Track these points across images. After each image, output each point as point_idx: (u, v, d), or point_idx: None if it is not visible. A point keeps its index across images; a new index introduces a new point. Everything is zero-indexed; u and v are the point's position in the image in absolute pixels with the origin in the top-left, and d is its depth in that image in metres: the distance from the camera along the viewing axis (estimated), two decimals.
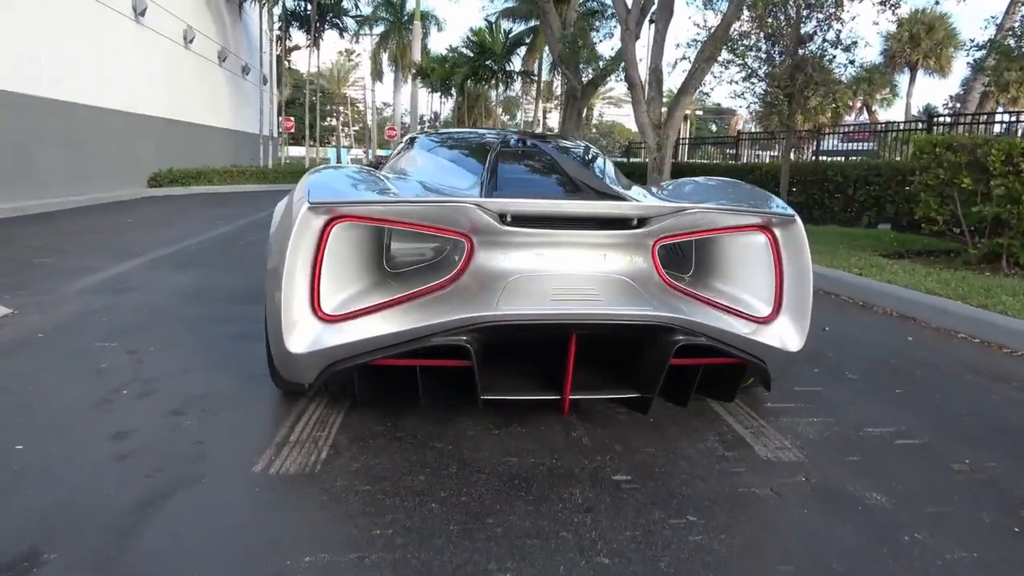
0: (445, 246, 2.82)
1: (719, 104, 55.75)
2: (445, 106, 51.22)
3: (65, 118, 13.11)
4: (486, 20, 29.17)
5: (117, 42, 15.36)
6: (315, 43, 28.18)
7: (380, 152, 52.50)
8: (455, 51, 31.50)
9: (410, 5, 41.60)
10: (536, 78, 31.81)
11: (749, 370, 2.82)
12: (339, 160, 67.91)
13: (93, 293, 4.95)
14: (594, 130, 19.17)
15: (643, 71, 15.50)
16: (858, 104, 30.09)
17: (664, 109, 16.43)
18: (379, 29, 44.08)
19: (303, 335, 2.46)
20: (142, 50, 16.68)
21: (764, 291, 2.81)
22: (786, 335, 2.76)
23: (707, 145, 18.51)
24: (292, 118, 39.93)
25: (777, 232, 2.77)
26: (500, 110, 59.59)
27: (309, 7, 26.93)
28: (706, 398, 3.08)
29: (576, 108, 21.36)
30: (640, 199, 2.84)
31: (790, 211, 2.78)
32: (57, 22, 12.89)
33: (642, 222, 2.57)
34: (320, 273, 2.47)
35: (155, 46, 17.44)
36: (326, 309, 2.50)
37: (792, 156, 12.04)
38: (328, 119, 77.16)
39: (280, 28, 28.14)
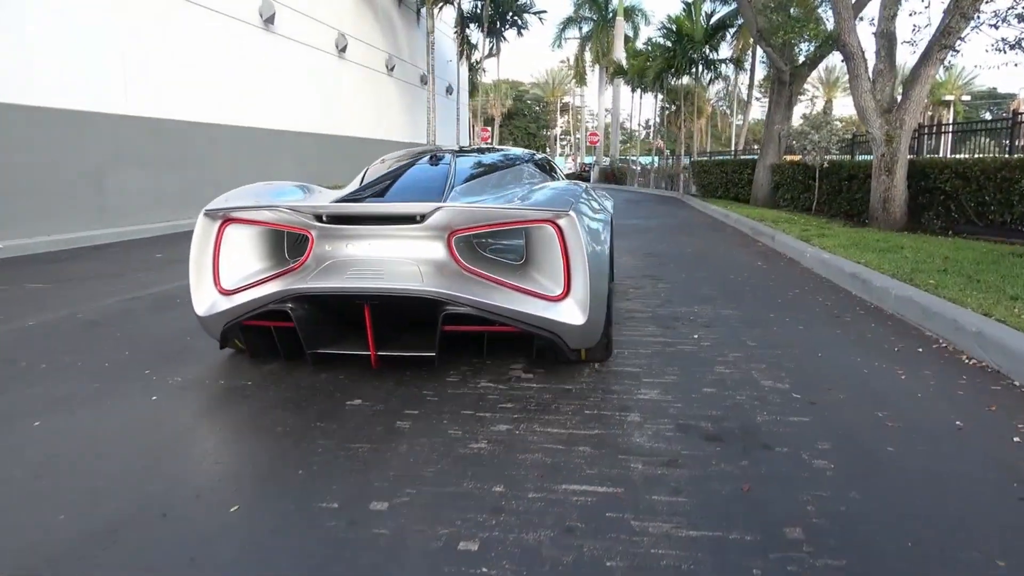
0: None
1: (994, 88, 46.35)
2: (647, 106, 46.99)
3: (168, 137, 11.79)
4: (683, 2, 25.17)
5: (242, 54, 14.01)
6: (495, 45, 26.11)
7: (586, 160, 49.91)
8: (650, 42, 27.88)
9: (614, 1, 38.62)
10: (747, 67, 27.18)
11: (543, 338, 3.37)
12: None
13: None
14: (800, 121, 14.87)
15: (868, 39, 11.16)
16: None
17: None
18: (584, 29, 41.51)
19: (204, 302, 3.59)
20: (277, 61, 15.32)
21: (558, 275, 3.30)
22: (570, 311, 3.28)
23: (978, 135, 13.19)
24: (488, 128, 38.65)
25: (561, 225, 3.25)
26: (725, 107, 54.31)
27: (481, 7, 24.89)
28: None
29: (784, 96, 16.96)
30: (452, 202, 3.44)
31: (565, 208, 3.25)
32: (165, 36, 11.63)
33: (423, 218, 3.24)
34: (218, 259, 3.58)
35: (295, 56, 16.07)
36: (224, 285, 3.59)
37: None
38: (549, 128, 76.60)
39: (456, 32, 26.39)
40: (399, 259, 3.39)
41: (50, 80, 9.58)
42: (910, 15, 20.87)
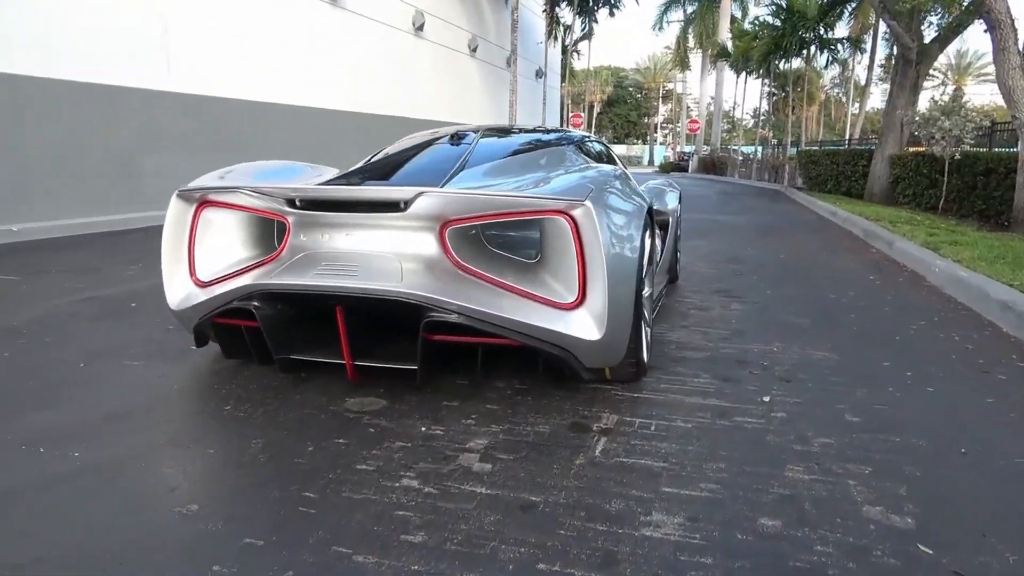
0: None
1: None
2: (753, 94, 43.22)
3: (215, 116, 11.09)
4: None
5: (302, 28, 13.19)
6: (588, 26, 24.55)
7: (686, 149, 47.57)
8: (757, 21, 25.60)
9: None
10: (866, 47, 24.56)
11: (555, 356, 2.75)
12: (651, 158, 64.45)
13: None
14: (928, 106, 12.61)
15: (1017, 4, 9.15)
16: None
17: None
18: (689, 10, 39.20)
19: (177, 294, 3.13)
20: (344, 37, 14.45)
21: (571, 279, 2.69)
22: (584, 324, 2.67)
23: None
24: (581, 115, 37.13)
25: (574, 217, 2.62)
26: (840, 94, 50.57)
27: None
28: None
29: (909, 78, 14.77)
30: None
31: (579, 197, 2.62)
32: (214, 8, 10.91)
33: (407, 205, 2.66)
34: (194, 246, 3.10)
35: (364, 32, 15.17)
36: (201, 276, 3.09)
37: None
38: (650, 116, 74.35)
39: (545, 10, 24.96)
40: (379, 254, 2.81)
41: (78, 51, 8.91)
42: None
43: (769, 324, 4.34)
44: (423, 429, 2.61)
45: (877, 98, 50.00)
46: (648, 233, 3.30)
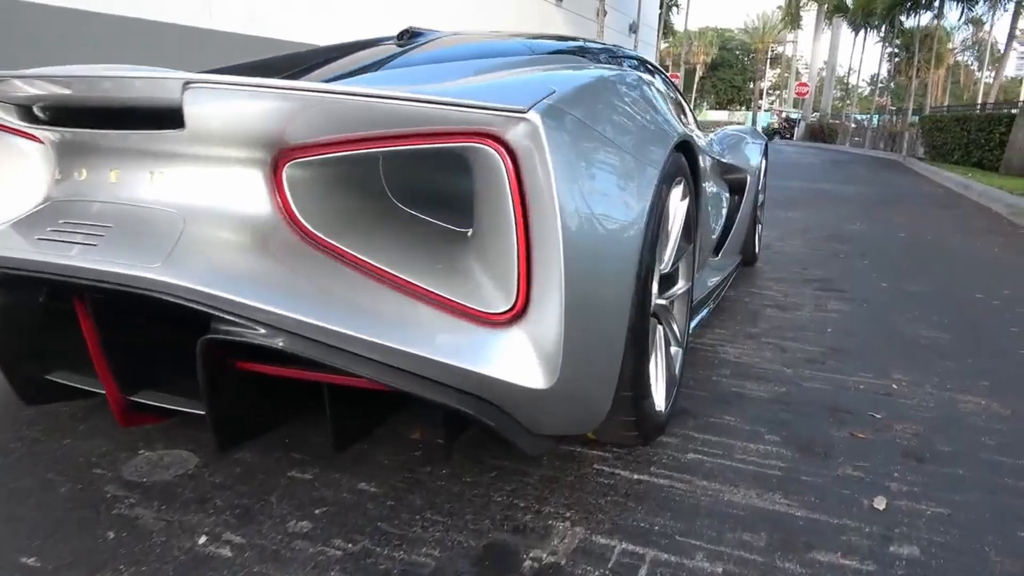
0: None
1: None
2: (870, 60, 39.03)
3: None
4: None
5: None
6: None
7: (792, 115, 44.34)
8: None
9: None
10: None
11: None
12: (754, 124, 60.91)
13: None
14: None
15: None
16: None
17: None
18: None
19: None
20: None
21: (504, 266, 1.29)
22: (520, 355, 1.28)
23: None
24: (678, 74, 34.90)
25: (511, 144, 1.24)
26: (972, 59, 46.08)
27: None
28: None
29: None
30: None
31: (522, 105, 1.23)
32: None
33: (181, 116, 1.35)
34: None
35: None
36: None
37: None
38: (756, 80, 70.54)
39: None
40: (153, 207, 1.49)
41: None
42: None
43: (885, 338, 2.90)
44: (200, 542, 1.38)
45: (1013, 65, 45.36)
46: (680, 189, 1.93)
